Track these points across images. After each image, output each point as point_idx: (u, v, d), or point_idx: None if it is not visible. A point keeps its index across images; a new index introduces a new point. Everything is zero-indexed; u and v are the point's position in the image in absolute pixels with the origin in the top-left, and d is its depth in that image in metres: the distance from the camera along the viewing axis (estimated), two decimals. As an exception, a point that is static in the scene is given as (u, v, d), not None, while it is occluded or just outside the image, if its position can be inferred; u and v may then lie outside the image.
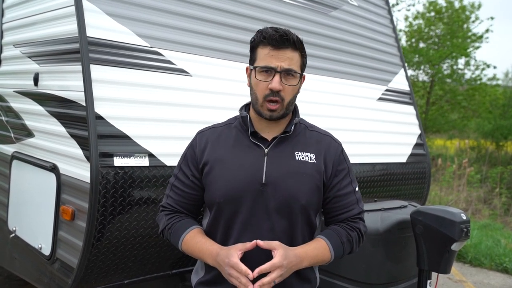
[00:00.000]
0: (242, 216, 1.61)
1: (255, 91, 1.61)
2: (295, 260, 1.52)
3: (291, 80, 1.59)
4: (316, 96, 3.23)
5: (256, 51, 1.62)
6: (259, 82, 1.59)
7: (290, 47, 1.58)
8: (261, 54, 1.59)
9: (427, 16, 16.11)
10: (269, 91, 1.57)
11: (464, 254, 5.75)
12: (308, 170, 1.64)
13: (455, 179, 10.15)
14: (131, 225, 2.32)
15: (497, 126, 15.34)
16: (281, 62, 1.56)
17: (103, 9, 2.37)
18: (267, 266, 1.46)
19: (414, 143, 3.93)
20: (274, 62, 1.56)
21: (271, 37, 1.56)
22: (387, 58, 3.98)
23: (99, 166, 2.17)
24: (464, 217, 2.39)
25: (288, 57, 1.58)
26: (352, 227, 1.72)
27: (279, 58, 1.57)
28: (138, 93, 2.39)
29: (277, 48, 1.57)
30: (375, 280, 2.52)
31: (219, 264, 1.53)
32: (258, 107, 1.61)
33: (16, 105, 2.99)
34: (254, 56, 1.64)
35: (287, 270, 1.50)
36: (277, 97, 1.57)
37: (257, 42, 1.61)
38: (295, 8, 3.29)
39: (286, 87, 1.58)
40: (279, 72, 1.56)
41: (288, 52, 1.58)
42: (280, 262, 1.47)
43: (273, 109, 1.58)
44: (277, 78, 1.56)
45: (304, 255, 1.56)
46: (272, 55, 1.57)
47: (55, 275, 2.51)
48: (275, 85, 1.56)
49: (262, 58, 1.59)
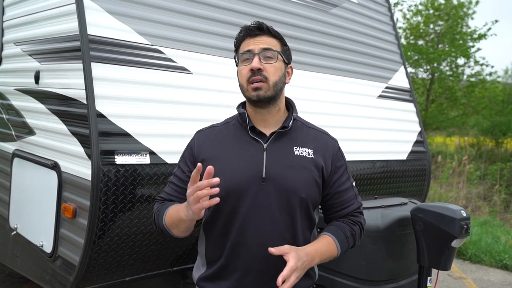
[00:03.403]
0: (243, 210, 1.62)
1: (240, 80, 1.66)
2: (308, 259, 1.55)
3: (270, 60, 1.63)
4: (317, 94, 3.23)
5: (239, 49, 1.69)
6: (242, 68, 1.64)
7: (266, 34, 1.66)
8: (242, 46, 1.67)
9: (425, 13, 16.09)
10: (250, 72, 1.61)
11: (464, 251, 5.76)
12: (307, 164, 1.66)
13: (455, 176, 10.16)
14: (132, 223, 2.33)
15: (496, 123, 15.35)
16: (258, 45, 1.63)
17: (104, 7, 2.37)
18: (287, 272, 1.46)
19: (414, 141, 3.94)
20: (251, 46, 1.63)
21: (246, 28, 1.66)
22: (387, 55, 3.98)
23: (100, 164, 2.18)
24: (464, 214, 2.40)
25: (265, 41, 1.65)
26: (354, 221, 1.76)
27: (255, 43, 1.64)
28: (139, 91, 2.39)
29: (253, 35, 1.65)
30: (375, 277, 2.53)
31: (189, 203, 1.45)
32: (245, 93, 1.65)
33: (17, 103, 2.99)
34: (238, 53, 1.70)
35: (302, 271, 1.52)
36: (259, 75, 1.60)
37: (238, 40, 1.69)
38: (295, 5, 3.29)
39: (267, 65, 1.62)
40: (257, 54, 1.62)
41: (264, 37, 1.65)
42: (296, 264, 1.49)
43: (257, 87, 1.60)
44: (256, 58, 1.61)
45: (315, 253, 1.59)
46: (249, 42, 1.65)
47: (57, 273, 2.52)
48: (254, 64, 1.60)
49: (242, 48, 1.66)
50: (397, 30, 4.33)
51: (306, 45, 3.27)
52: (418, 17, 16.27)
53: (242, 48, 1.66)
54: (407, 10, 16.10)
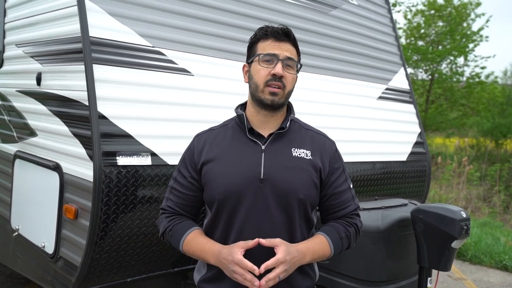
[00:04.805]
0: (242, 212, 1.63)
1: (256, 79, 1.65)
2: (298, 255, 1.56)
3: (291, 69, 1.67)
4: (317, 95, 3.24)
5: (256, 45, 1.69)
6: (262, 68, 1.64)
7: (290, 42, 1.68)
8: (263, 45, 1.66)
9: (426, 14, 16.09)
10: (271, 76, 1.63)
11: (464, 252, 5.77)
12: (305, 165, 1.68)
13: (455, 177, 10.17)
14: (134, 224, 2.34)
15: (496, 124, 15.36)
16: (283, 52, 1.65)
17: (106, 9, 2.39)
18: (272, 262, 1.49)
19: (414, 142, 3.95)
20: (276, 51, 1.64)
21: (273, 30, 1.66)
22: (387, 57, 3.99)
23: (102, 165, 2.19)
24: (464, 215, 2.41)
25: (289, 49, 1.67)
26: (350, 223, 1.77)
27: (281, 48, 1.65)
28: (141, 92, 2.40)
29: (279, 40, 1.65)
30: (376, 277, 2.54)
31: (222, 263, 1.55)
32: (259, 93, 1.65)
33: (19, 105, 3.00)
34: (253, 50, 1.70)
35: (291, 266, 1.53)
36: (280, 82, 1.63)
37: (258, 37, 1.69)
38: (296, 7, 3.31)
39: (288, 75, 1.65)
40: (281, 60, 1.63)
41: (288, 45, 1.67)
42: (284, 257, 1.51)
43: (275, 92, 1.62)
44: (279, 64, 1.63)
45: (306, 250, 1.60)
46: (274, 45, 1.65)
47: (59, 273, 2.53)
48: (278, 70, 1.62)
49: (264, 48, 1.66)
50: (397, 31, 4.34)
51: (306, 47, 3.28)
52: (419, 16, 16.27)
53: (263, 48, 1.65)
54: (408, 10, 16.02)
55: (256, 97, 1.66)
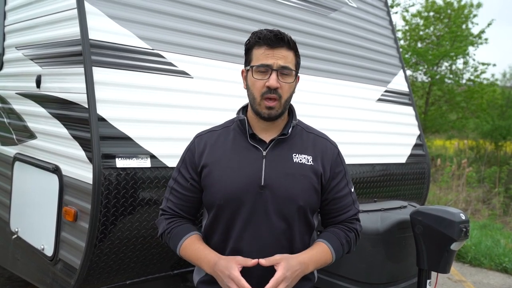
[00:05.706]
0: (242, 217, 1.63)
1: (252, 91, 1.64)
2: (300, 267, 1.56)
3: (287, 78, 1.62)
4: (316, 98, 3.25)
5: (251, 52, 1.66)
6: (256, 81, 1.61)
7: (285, 46, 1.62)
8: (257, 54, 1.63)
9: (425, 15, 16.10)
10: (266, 88, 1.60)
11: (464, 254, 5.77)
12: (306, 172, 1.67)
13: (454, 179, 10.16)
14: (133, 226, 2.34)
15: (496, 127, 15.37)
16: (277, 60, 1.60)
17: (105, 11, 2.39)
18: (272, 284, 1.48)
19: (413, 144, 3.95)
20: (270, 60, 1.60)
21: (266, 37, 1.60)
22: (386, 59, 4.00)
23: (101, 167, 2.19)
24: (463, 217, 2.41)
25: (283, 56, 1.61)
26: (350, 228, 1.77)
27: (275, 56, 1.60)
28: (140, 95, 2.41)
29: (272, 47, 1.60)
30: (375, 280, 2.54)
31: (217, 274, 1.55)
32: (256, 106, 1.63)
33: (18, 107, 3.01)
34: (249, 58, 1.67)
35: (292, 280, 1.53)
36: (275, 94, 1.60)
37: (252, 43, 1.65)
38: (295, 10, 3.31)
39: (283, 84, 1.61)
40: (275, 70, 1.59)
41: (283, 51, 1.61)
42: (284, 274, 1.50)
43: (271, 106, 1.60)
44: (274, 75, 1.59)
45: (309, 260, 1.60)
46: (268, 54, 1.60)
47: (58, 276, 2.53)
48: (272, 82, 1.58)
49: (258, 58, 1.62)
50: (396, 33, 4.35)
51: (305, 49, 3.28)
52: (417, 18, 16.28)
53: (257, 57, 1.61)
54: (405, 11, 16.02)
55: (254, 109, 1.66)
